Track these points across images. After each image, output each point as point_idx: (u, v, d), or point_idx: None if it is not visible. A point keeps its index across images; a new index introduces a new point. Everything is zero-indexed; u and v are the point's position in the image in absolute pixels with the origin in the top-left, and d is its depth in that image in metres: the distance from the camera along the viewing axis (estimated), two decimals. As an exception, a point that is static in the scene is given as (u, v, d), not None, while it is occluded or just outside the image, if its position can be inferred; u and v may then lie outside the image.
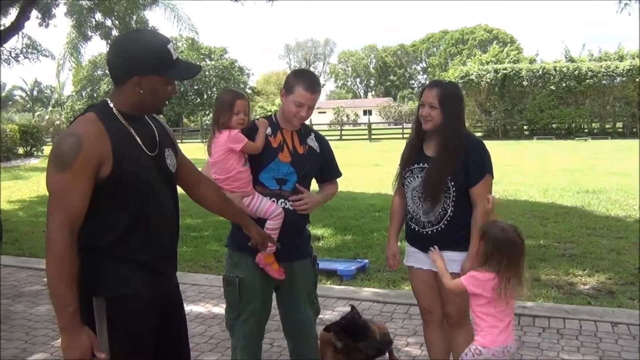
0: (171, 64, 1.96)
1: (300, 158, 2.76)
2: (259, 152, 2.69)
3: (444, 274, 2.66)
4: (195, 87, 52.98)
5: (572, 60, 36.87)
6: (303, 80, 2.69)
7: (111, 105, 1.96)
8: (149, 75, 1.93)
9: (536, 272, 5.54)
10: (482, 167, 2.84)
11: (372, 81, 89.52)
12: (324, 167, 2.91)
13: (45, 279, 5.44)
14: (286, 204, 2.72)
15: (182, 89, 50.09)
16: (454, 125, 2.80)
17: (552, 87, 32.65)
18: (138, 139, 1.97)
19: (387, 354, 3.54)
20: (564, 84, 32.35)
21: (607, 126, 32.96)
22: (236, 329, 2.76)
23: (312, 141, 2.85)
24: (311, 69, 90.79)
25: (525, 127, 33.97)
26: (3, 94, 60.06)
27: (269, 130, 2.74)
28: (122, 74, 1.94)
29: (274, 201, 2.69)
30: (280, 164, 2.71)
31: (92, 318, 1.90)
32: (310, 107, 2.71)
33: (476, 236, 2.72)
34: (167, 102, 2.07)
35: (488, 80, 33.33)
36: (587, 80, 31.82)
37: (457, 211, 2.82)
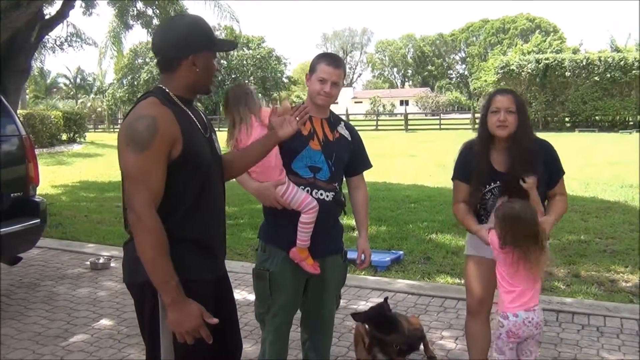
0: (216, 39, 2.05)
1: (331, 144, 2.71)
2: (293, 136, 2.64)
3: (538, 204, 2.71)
4: (233, 77, 53.37)
5: (617, 50, 35.74)
6: (324, 57, 2.70)
7: (167, 90, 2.00)
8: (202, 52, 1.99)
9: (576, 267, 5.42)
10: (559, 168, 2.88)
11: (410, 71, 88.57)
12: (355, 156, 2.85)
13: (87, 262, 5.59)
14: (322, 194, 2.67)
15: (219, 78, 50.54)
16: (528, 132, 2.75)
17: (596, 77, 31.70)
18: (196, 120, 2.03)
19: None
20: (609, 75, 31.38)
21: (653, 119, 31.88)
22: (266, 322, 2.76)
23: (342, 129, 2.81)
24: (348, 58, 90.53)
25: (567, 119, 33.12)
26: (48, 81, 61.82)
27: None
28: (177, 55, 1.98)
29: (308, 191, 2.64)
30: (311, 151, 2.67)
31: (156, 303, 1.92)
32: (334, 84, 2.65)
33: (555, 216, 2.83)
34: (214, 81, 2.11)
35: (529, 70, 32.58)
36: (634, 71, 30.77)
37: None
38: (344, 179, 2.91)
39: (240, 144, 2.55)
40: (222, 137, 2.29)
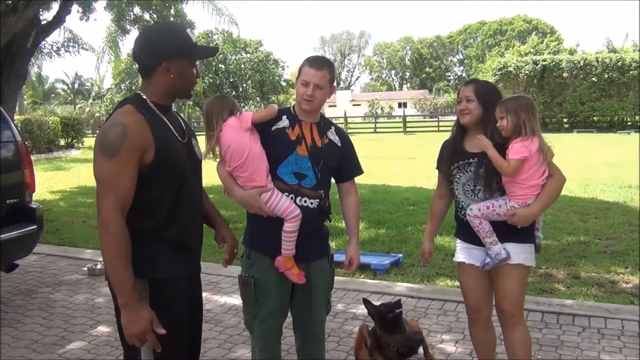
0: (193, 46, 2.14)
1: (319, 151, 2.65)
2: (277, 142, 2.60)
3: (497, 160, 2.67)
4: (231, 80, 53.33)
5: (614, 51, 35.82)
6: (308, 60, 2.65)
7: (144, 97, 2.10)
8: (176, 59, 2.08)
9: (576, 269, 5.39)
10: None
11: (408, 73, 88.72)
12: (345, 162, 2.79)
13: (85, 268, 5.56)
14: (306, 202, 2.62)
15: (217, 82, 50.57)
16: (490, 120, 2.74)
17: (593, 78, 31.75)
18: (171, 127, 2.12)
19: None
20: (606, 76, 31.44)
21: (651, 119, 31.90)
22: (254, 329, 2.73)
23: (332, 134, 2.74)
24: (346, 61, 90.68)
25: (565, 120, 33.15)
26: (46, 87, 61.81)
27: (286, 122, 2.65)
28: (151, 62, 2.08)
29: (292, 198, 2.59)
30: (298, 157, 2.61)
31: None
32: (316, 86, 2.57)
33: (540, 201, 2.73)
34: (194, 86, 2.19)
35: (527, 72, 32.62)
36: (631, 72, 30.85)
37: None
38: (336, 184, 2.87)
39: (222, 152, 2.56)
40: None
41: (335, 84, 2.72)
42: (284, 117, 2.68)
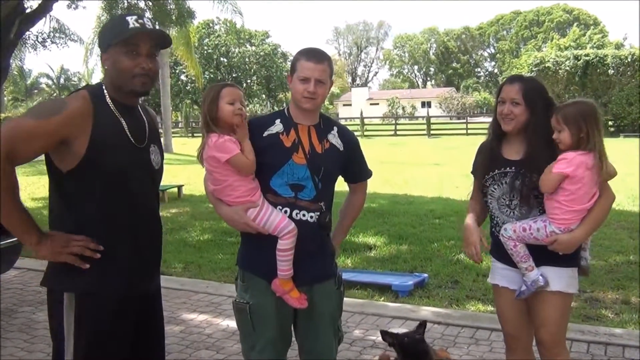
0: (125, 30, 2.12)
1: (318, 157, 2.60)
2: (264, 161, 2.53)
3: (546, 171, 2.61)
4: (234, 75, 53.67)
5: (667, 45, 35.58)
6: (304, 53, 2.60)
7: (104, 89, 2.20)
8: (108, 49, 2.17)
9: (626, 293, 5.34)
10: None
11: (432, 69, 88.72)
12: (350, 167, 2.77)
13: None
14: (304, 215, 2.57)
15: (219, 77, 50.89)
16: (542, 122, 2.68)
17: (643, 76, 31.59)
18: (127, 129, 2.19)
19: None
20: (658, 73, 31.24)
21: None
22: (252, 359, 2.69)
23: (334, 137, 2.68)
24: (363, 55, 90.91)
25: (610, 123, 32.97)
26: (28, 82, 62.47)
27: (280, 127, 2.61)
28: (100, 57, 2.22)
29: (287, 212, 2.55)
30: (294, 166, 2.56)
31: (61, 313, 2.16)
32: (318, 81, 2.53)
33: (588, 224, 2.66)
34: (140, 78, 2.16)
35: (567, 68, 32.53)
36: (686, 69, 30.64)
37: None
38: (347, 185, 2.88)
39: (204, 161, 2.50)
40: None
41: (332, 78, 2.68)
42: (277, 121, 2.63)
